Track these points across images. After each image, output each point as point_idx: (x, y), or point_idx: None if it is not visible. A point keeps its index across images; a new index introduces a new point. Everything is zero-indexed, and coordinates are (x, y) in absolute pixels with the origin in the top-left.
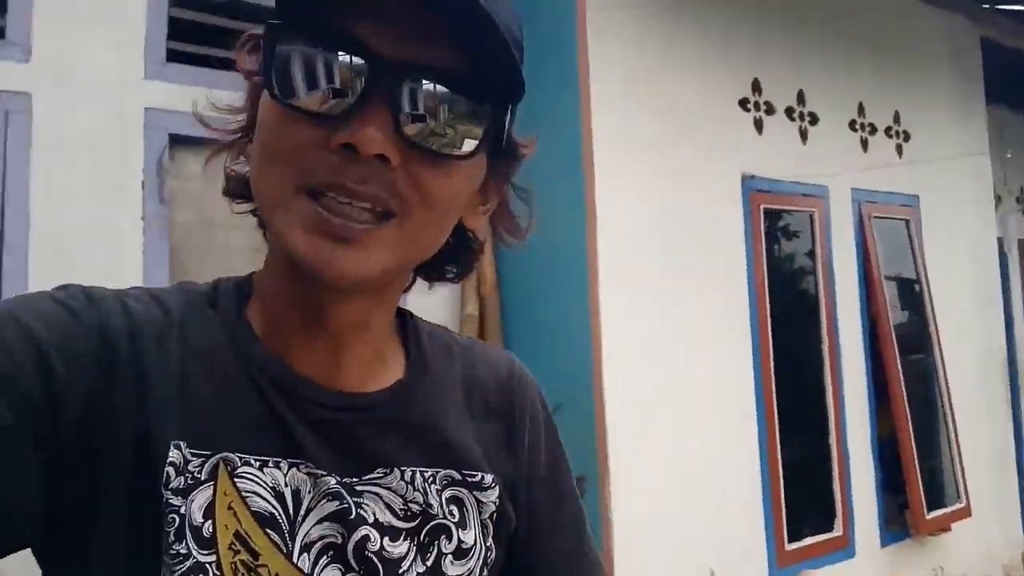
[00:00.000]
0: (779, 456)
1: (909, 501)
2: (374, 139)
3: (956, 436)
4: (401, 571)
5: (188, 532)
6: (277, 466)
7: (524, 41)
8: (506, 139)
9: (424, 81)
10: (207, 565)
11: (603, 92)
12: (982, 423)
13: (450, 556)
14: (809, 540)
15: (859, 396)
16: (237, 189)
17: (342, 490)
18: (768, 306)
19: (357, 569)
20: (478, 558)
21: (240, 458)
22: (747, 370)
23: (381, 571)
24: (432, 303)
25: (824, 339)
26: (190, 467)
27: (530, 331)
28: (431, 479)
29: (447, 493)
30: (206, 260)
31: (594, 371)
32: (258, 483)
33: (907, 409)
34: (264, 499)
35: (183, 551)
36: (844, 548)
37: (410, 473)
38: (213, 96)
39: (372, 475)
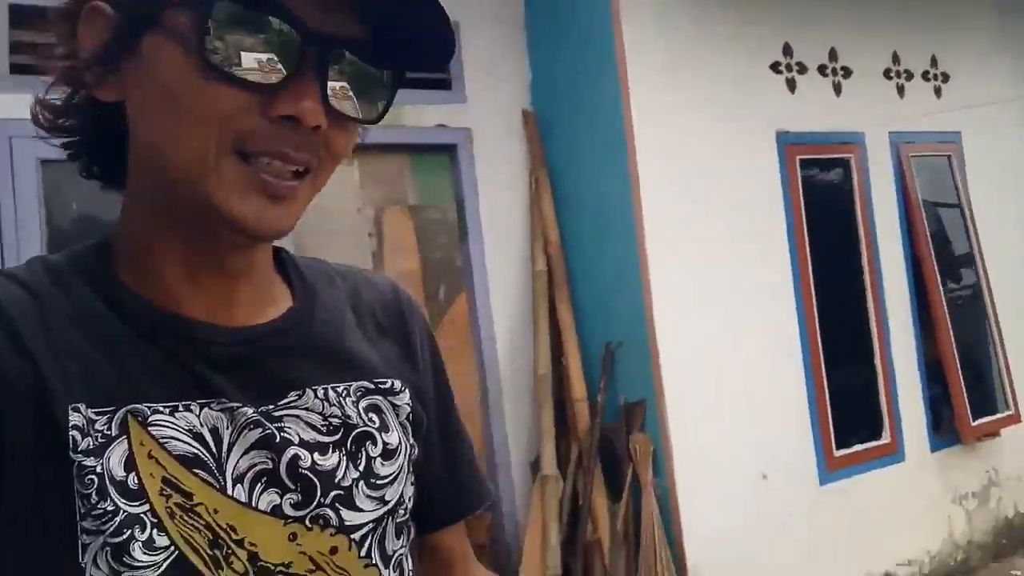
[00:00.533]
0: (824, 374)
1: (954, 409)
2: (315, 112)
3: (1003, 349)
4: (337, 479)
5: (111, 488)
6: (188, 409)
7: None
8: None
9: (348, 54)
10: (142, 516)
11: (641, 68)
12: None
13: (379, 458)
14: (857, 447)
15: (903, 317)
16: (51, 119)
17: (261, 418)
18: (808, 245)
19: (294, 487)
20: (404, 455)
21: (149, 408)
22: (790, 302)
23: (318, 485)
24: (505, 261)
25: (865, 268)
26: (96, 426)
27: (591, 283)
28: (344, 393)
29: (363, 403)
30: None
31: (646, 315)
32: (173, 428)
33: (949, 327)
34: (183, 442)
35: (110, 508)
36: (893, 454)
37: (322, 391)
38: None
39: (286, 400)
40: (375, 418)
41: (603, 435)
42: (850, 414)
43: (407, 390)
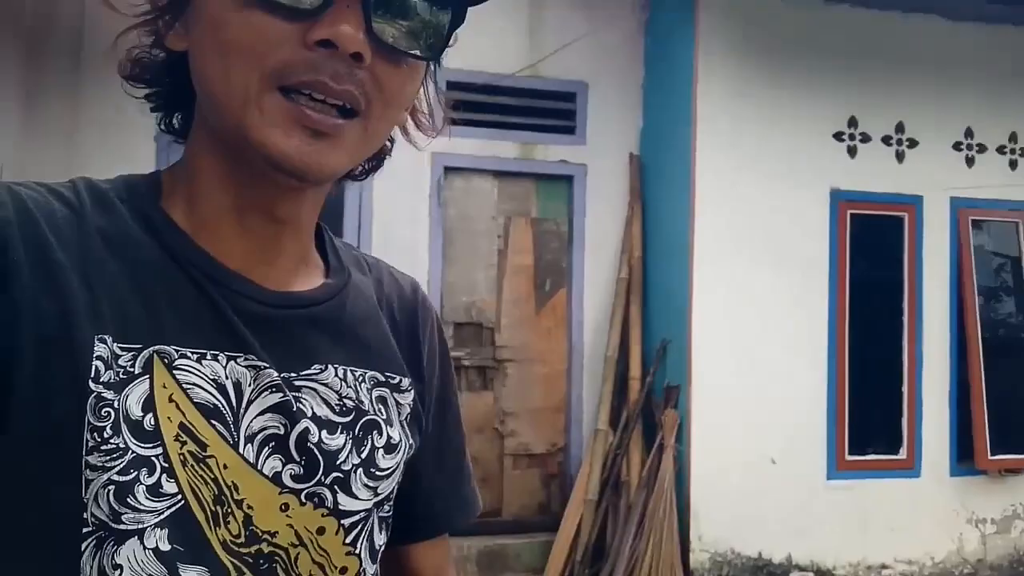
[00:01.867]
0: (847, 387)
1: (974, 439)
2: (353, 37)
3: None
4: (339, 462)
5: (124, 426)
6: (216, 359)
7: None
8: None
9: None
10: (152, 459)
11: (708, 132)
12: None
13: (381, 450)
14: (872, 456)
15: (940, 353)
16: (141, 73)
17: (282, 383)
18: (848, 280)
19: (298, 460)
20: (402, 453)
21: (176, 351)
22: (823, 323)
23: (321, 462)
24: (598, 267)
25: (905, 307)
26: (120, 361)
27: (658, 292)
28: (360, 378)
29: (375, 392)
30: (467, 241)
31: (688, 322)
32: (198, 375)
33: (981, 365)
34: (206, 391)
35: (120, 445)
36: (909, 469)
37: (342, 371)
38: None
39: (309, 371)
40: (383, 410)
41: (647, 407)
42: (869, 426)
43: (412, 390)
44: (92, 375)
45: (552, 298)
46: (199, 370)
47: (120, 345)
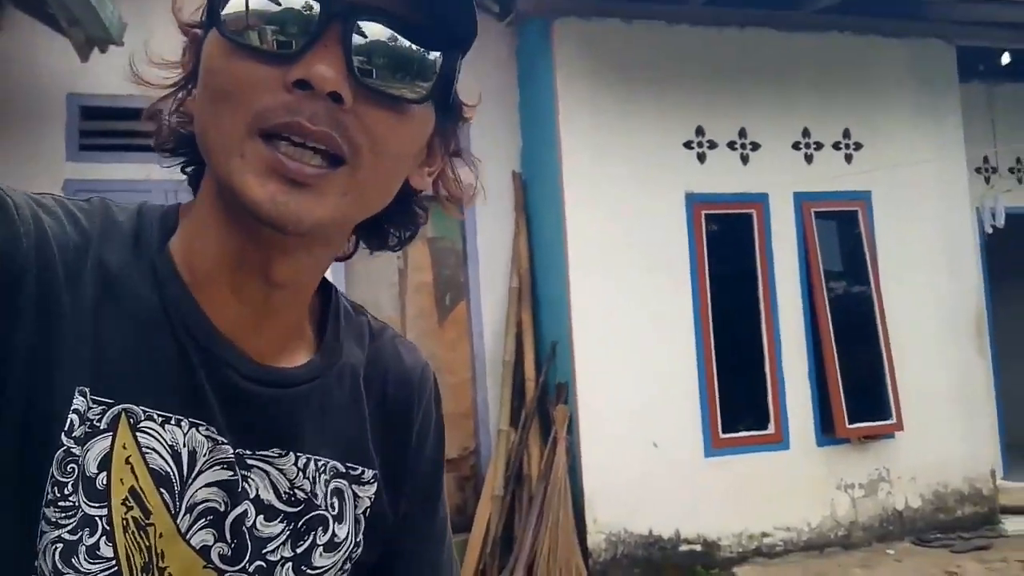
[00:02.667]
0: (715, 377)
1: (833, 411)
2: (328, 76)
3: (892, 370)
4: (266, 551)
5: (81, 484)
6: (179, 424)
7: None
8: (453, 93)
9: (377, 22)
10: (96, 519)
11: (572, 143)
12: (941, 367)
13: (321, 548)
14: (743, 433)
15: (797, 336)
16: (169, 143)
17: (236, 465)
18: (708, 275)
19: (229, 541)
20: (344, 551)
21: (144, 412)
22: (689, 318)
23: (250, 547)
24: (492, 279)
25: (761, 295)
26: (90, 414)
27: (545, 298)
28: (322, 468)
29: (333, 484)
30: (368, 263)
31: (568, 325)
32: (158, 440)
33: (834, 347)
34: (162, 457)
35: (75, 503)
36: (778, 442)
37: (304, 460)
38: (149, 50)
39: (267, 452)
40: (336, 504)
41: (542, 405)
42: (738, 407)
43: (376, 483)
44: (66, 428)
45: (453, 311)
46: (160, 435)
47: (94, 397)
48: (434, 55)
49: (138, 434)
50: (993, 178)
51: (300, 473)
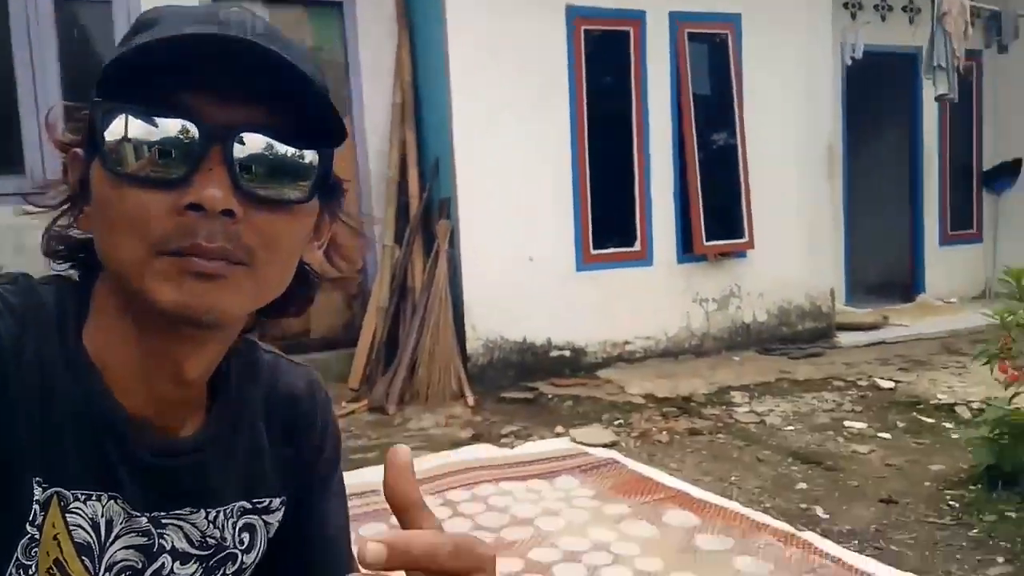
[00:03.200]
0: (588, 192)
1: (692, 229)
2: (218, 196)
3: (748, 193)
4: None
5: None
6: (99, 499)
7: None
8: (331, 179)
9: (253, 139)
10: None
11: None
12: (793, 191)
13: (231, 575)
14: (612, 249)
15: (665, 158)
16: (59, 252)
17: (151, 527)
18: (585, 93)
19: None
20: (250, 570)
21: (72, 494)
22: (565, 135)
23: None
24: (375, 94)
25: (634, 114)
26: (37, 499)
27: (428, 114)
28: (229, 514)
29: (240, 523)
30: None
31: (449, 140)
32: (82, 516)
33: (697, 170)
34: (84, 530)
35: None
36: (643, 259)
37: (213, 514)
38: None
39: (180, 511)
40: (246, 538)
41: (426, 221)
42: (608, 224)
43: (283, 507)
44: (30, 518)
45: None
46: (84, 511)
47: (39, 485)
48: (310, 155)
49: (67, 515)
50: (859, 14)
51: (211, 524)
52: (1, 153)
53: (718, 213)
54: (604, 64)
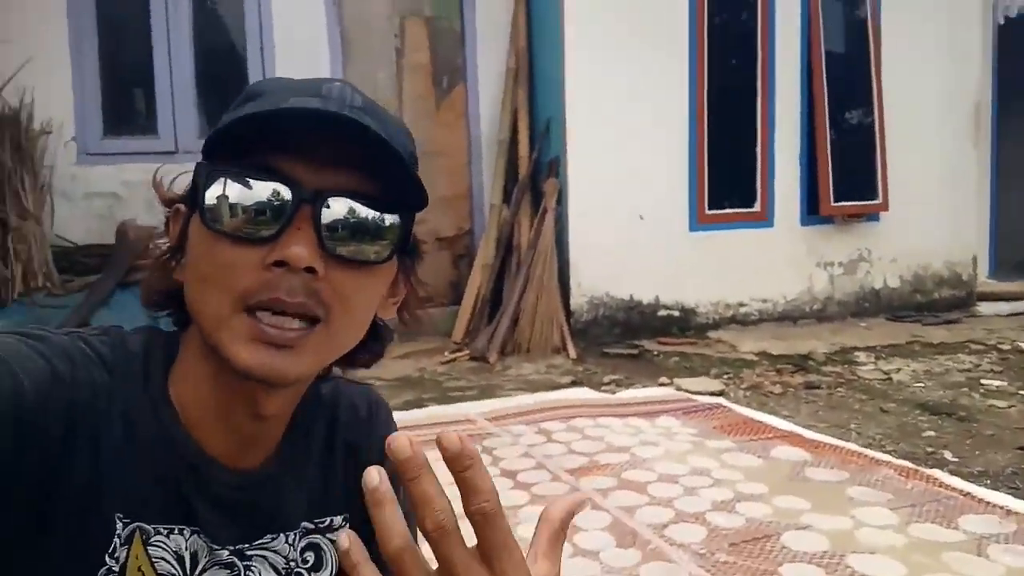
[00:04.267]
0: (706, 149)
1: (819, 189)
2: (303, 255)
3: (883, 150)
4: None
5: None
6: (181, 533)
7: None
8: (411, 241)
9: (340, 202)
10: None
11: None
12: (934, 153)
13: None
14: (728, 210)
15: (791, 112)
16: (156, 300)
17: (235, 559)
18: (707, 47)
19: None
20: None
21: (154, 528)
22: (684, 90)
23: None
24: (490, 61)
25: (759, 68)
26: (118, 532)
27: (541, 77)
28: (300, 535)
29: (302, 543)
30: (364, 41)
31: (563, 101)
32: (164, 549)
33: (827, 124)
34: (168, 562)
35: None
36: (763, 220)
37: (292, 536)
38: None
39: (262, 540)
40: (310, 557)
41: (534, 180)
42: (726, 184)
43: (346, 523)
44: (110, 550)
45: (450, 94)
46: (166, 544)
47: (121, 521)
48: (391, 219)
49: (149, 547)
50: None
51: (291, 548)
52: (140, 118)
53: (849, 173)
54: (727, 18)
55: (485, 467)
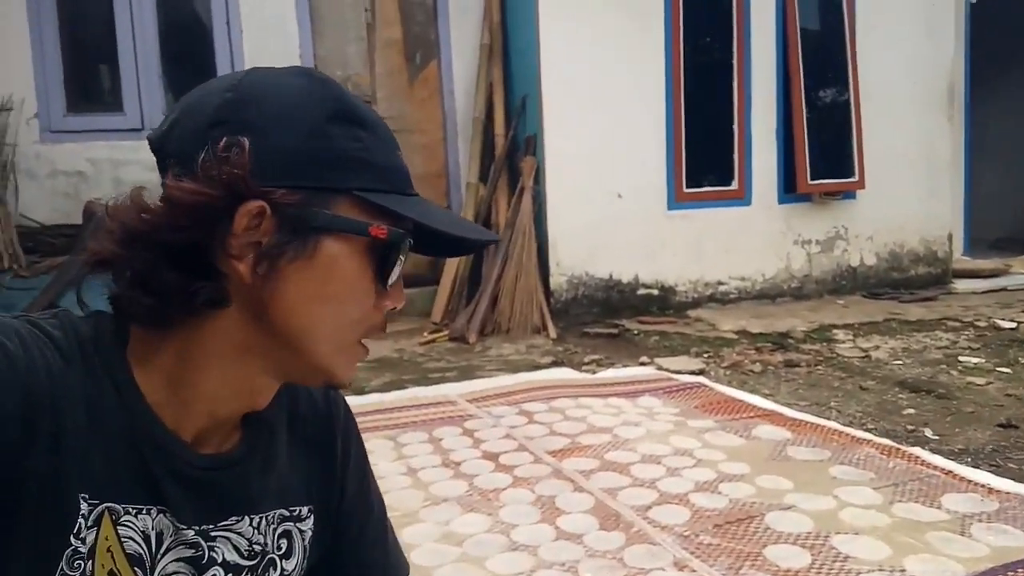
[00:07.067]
0: (683, 127)
1: (796, 167)
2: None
3: (859, 128)
4: None
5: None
6: (149, 512)
7: None
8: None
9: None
10: None
11: None
12: (909, 130)
13: None
14: (707, 188)
15: (767, 93)
16: (220, 298)
17: (199, 539)
18: (682, 19)
19: None
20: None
21: (123, 508)
22: (660, 65)
23: None
24: (463, 36)
25: (735, 47)
26: (86, 515)
27: (516, 53)
28: (270, 520)
29: (279, 529)
30: (334, 13)
31: (538, 75)
32: (133, 528)
33: (803, 103)
34: (136, 542)
35: None
36: (740, 199)
37: (257, 520)
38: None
39: (227, 522)
40: (284, 544)
41: (511, 158)
42: (703, 162)
43: (312, 515)
44: (75, 531)
45: (424, 70)
46: (135, 524)
47: (88, 502)
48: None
49: (119, 527)
50: None
51: (256, 531)
52: (104, 95)
53: (825, 151)
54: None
55: None
